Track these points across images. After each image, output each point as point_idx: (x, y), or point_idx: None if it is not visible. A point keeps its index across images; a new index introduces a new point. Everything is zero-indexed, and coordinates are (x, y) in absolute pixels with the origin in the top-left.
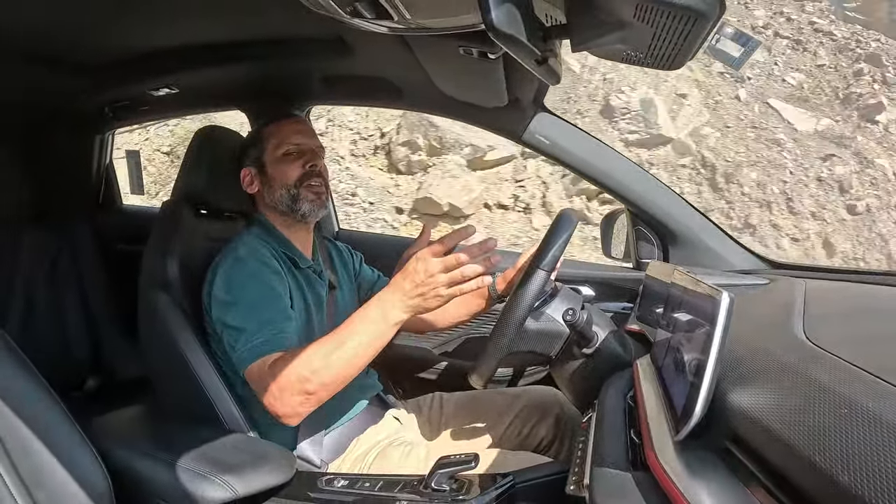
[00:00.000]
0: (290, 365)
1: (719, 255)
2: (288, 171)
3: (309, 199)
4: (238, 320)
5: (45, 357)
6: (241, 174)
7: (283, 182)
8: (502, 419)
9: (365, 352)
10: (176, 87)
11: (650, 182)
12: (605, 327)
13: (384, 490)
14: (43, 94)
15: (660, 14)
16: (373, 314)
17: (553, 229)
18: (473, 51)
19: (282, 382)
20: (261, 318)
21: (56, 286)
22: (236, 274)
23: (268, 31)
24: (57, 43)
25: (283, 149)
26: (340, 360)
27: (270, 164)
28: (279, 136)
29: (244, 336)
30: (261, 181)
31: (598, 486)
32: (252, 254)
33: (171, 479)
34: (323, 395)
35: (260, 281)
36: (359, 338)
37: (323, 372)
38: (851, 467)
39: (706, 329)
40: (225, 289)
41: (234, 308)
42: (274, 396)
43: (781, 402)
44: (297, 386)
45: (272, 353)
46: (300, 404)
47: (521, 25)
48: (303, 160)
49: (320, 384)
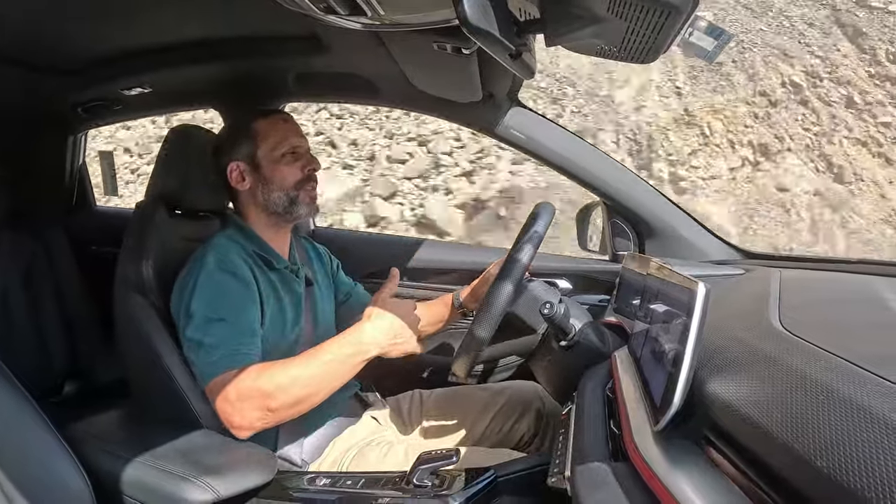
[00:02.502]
0: (254, 378)
1: (695, 246)
2: (287, 173)
3: (306, 202)
4: (197, 334)
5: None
6: (227, 168)
7: (282, 184)
8: (483, 415)
9: (332, 378)
10: (149, 87)
11: (625, 175)
12: (582, 320)
13: (366, 487)
14: (14, 94)
15: (633, 8)
16: (348, 343)
17: (530, 221)
18: (447, 46)
19: (242, 394)
20: (220, 334)
21: (31, 290)
22: (199, 287)
23: (241, 29)
24: (29, 43)
25: (282, 149)
26: (307, 382)
27: (267, 163)
28: (277, 136)
29: (203, 351)
30: (254, 178)
31: (579, 478)
32: (220, 263)
33: (152, 482)
34: (283, 415)
35: (222, 295)
36: (328, 365)
37: (288, 390)
38: (829, 453)
39: (683, 320)
40: (187, 301)
41: (193, 322)
42: (232, 405)
43: (759, 390)
44: (259, 400)
45: (230, 370)
46: (258, 419)
47: (494, 20)
48: (302, 163)
49: (283, 403)
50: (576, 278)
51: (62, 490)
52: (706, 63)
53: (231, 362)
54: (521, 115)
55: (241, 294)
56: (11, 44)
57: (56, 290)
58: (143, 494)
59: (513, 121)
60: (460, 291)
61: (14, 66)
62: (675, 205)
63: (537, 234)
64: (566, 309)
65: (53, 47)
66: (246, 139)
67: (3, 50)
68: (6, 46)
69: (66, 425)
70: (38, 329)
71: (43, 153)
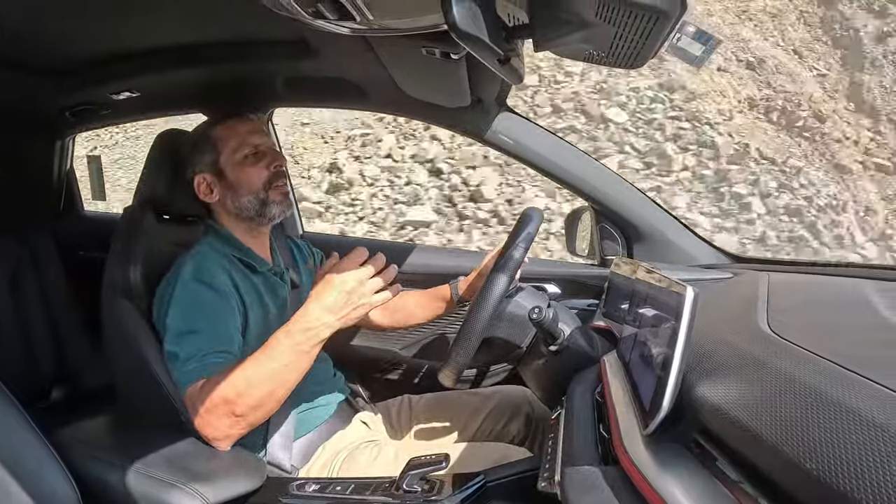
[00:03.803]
0: (216, 388)
1: (683, 251)
2: (253, 175)
3: (277, 201)
4: (174, 346)
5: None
6: (194, 182)
7: (250, 187)
8: (473, 419)
9: (289, 372)
10: (137, 91)
11: (613, 179)
12: (571, 324)
13: (356, 493)
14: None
15: (622, 13)
16: (295, 332)
17: (518, 227)
18: (436, 51)
19: (208, 405)
20: (193, 346)
21: (18, 296)
22: (175, 299)
23: (230, 34)
24: (16, 45)
25: (244, 151)
26: (264, 380)
27: (231, 169)
28: (236, 139)
29: (178, 363)
30: (221, 187)
31: (569, 482)
32: (196, 274)
33: (140, 488)
34: (253, 418)
35: (196, 307)
36: (281, 358)
37: (248, 394)
38: (817, 455)
39: (672, 324)
40: (164, 313)
41: (170, 334)
42: (203, 419)
43: (747, 393)
44: (223, 408)
45: (199, 381)
46: (229, 427)
47: (483, 25)
48: (265, 161)
49: (247, 406)
50: (564, 283)
51: (49, 496)
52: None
53: (201, 373)
54: (509, 120)
55: (216, 305)
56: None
57: (43, 294)
58: (132, 501)
59: (501, 126)
60: (459, 283)
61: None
62: (663, 209)
63: (529, 235)
64: (555, 313)
65: (41, 50)
66: (206, 148)
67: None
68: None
69: (53, 431)
70: (24, 334)
71: (30, 157)
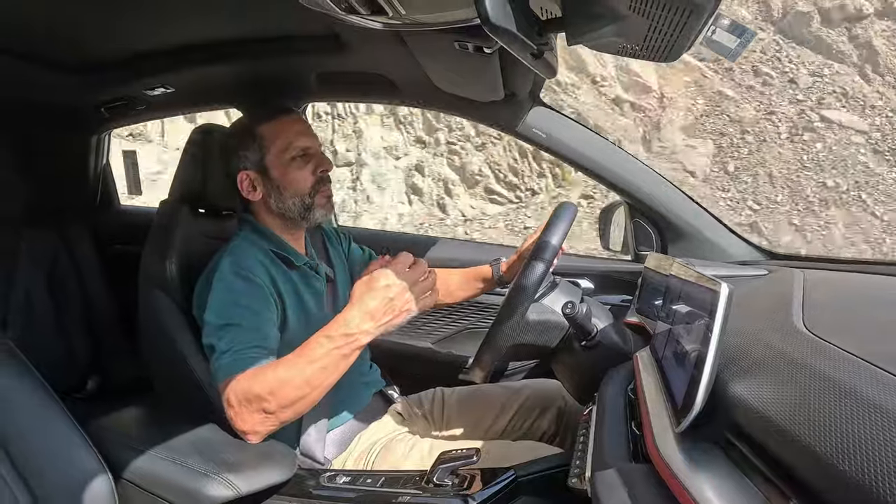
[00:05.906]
0: (250, 383)
1: (718, 247)
2: (300, 178)
3: (321, 205)
4: (212, 339)
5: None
6: (237, 178)
7: (296, 190)
8: (504, 413)
9: (325, 375)
10: (171, 87)
11: (648, 174)
12: (604, 320)
13: (386, 486)
14: (38, 94)
15: (656, 6)
16: (336, 336)
17: (553, 220)
18: (469, 46)
19: (241, 399)
20: (231, 339)
21: (55, 289)
22: (214, 293)
23: (263, 30)
24: (52, 42)
25: (292, 153)
26: (298, 381)
27: (277, 169)
28: (284, 138)
29: (214, 355)
30: (265, 186)
31: (599, 479)
32: (234, 268)
33: (173, 477)
34: (284, 416)
35: (236, 300)
36: (319, 361)
37: (281, 393)
38: (853, 456)
39: (705, 321)
40: (204, 306)
41: (208, 327)
42: (235, 412)
43: (782, 392)
44: (256, 404)
45: (234, 374)
46: (260, 423)
47: (515, 19)
48: (313, 165)
49: (279, 405)
50: (598, 278)
51: (85, 484)
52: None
53: (237, 367)
54: (542, 113)
55: (254, 299)
56: (36, 43)
57: (80, 287)
58: (164, 490)
59: (534, 120)
60: (500, 263)
61: (38, 64)
62: (698, 205)
63: (564, 226)
64: (588, 309)
65: (76, 47)
66: (252, 145)
67: (27, 49)
68: (31, 45)
69: (88, 421)
70: (61, 326)
71: (67, 153)
